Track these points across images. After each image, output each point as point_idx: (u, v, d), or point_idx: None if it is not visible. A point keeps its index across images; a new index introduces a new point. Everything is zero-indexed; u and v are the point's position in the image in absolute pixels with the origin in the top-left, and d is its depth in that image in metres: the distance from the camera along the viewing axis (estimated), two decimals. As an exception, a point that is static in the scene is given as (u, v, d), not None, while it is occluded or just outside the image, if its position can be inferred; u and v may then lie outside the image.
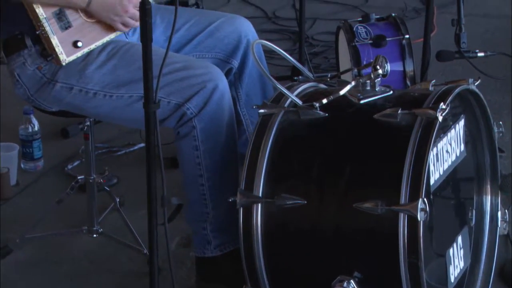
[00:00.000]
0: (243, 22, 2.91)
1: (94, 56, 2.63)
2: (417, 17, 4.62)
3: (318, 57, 4.30)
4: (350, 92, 2.42)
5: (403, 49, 3.33)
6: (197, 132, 2.63)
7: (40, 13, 2.52)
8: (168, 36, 2.78)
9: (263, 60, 2.87)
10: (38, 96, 2.67)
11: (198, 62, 2.71)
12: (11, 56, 2.63)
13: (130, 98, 2.63)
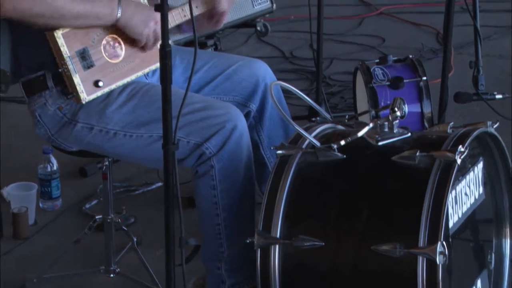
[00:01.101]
0: (261, 65, 2.93)
1: (114, 97, 2.65)
2: (434, 58, 4.64)
3: (335, 97, 4.31)
4: (368, 133, 2.43)
5: (421, 91, 3.34)
6: (215, 172, 2.64)
7: (64, 51, 2.55)
8: (186, 77, 2.81)
9: (282, 101, 2.88)
10: (59, 136, 2.69)
11: (217, 103, 2.73)
12: (32, 97, 2.65)
13: (150, 138, 2.64)
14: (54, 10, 2.51)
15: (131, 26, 2.60)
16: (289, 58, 4.79)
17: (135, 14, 2.59)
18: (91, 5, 2.54)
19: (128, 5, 2.58)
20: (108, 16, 2.57)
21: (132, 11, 2.59)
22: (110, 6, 2.56)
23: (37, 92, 2.63)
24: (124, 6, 2.57)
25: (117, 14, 2.57)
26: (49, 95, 2.63)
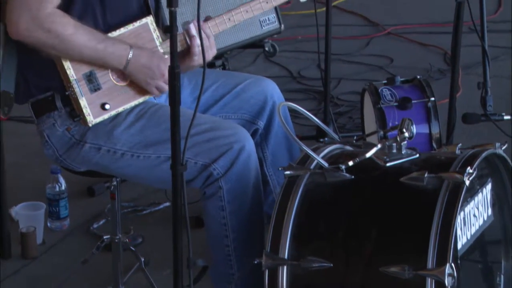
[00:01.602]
0: (269, 83, 2.94)
1: (122, 118, 2.66)
2: (442, 78, 4.63)
3: (343, 117, 4.31)
4: (376, 154, 2.43)
5: (429, 111, 3.34)
6: (223, 193, 2.64)
7: (70, 74, 2.56)
8: (195, 97, 2.83)
9: (289, 121, 2.88)
10: (67, 156, 2.70)
11: (225, 123, 2.73)
12: (41, 117, 2.66)
13: (158, 159, 2.65)
14: (65, 47, 2.54)
15: (136, 80, 2.63)
16: (297, 78, 4.80)
17: (142, 69, 2.60)
18: (101, 53, 2.56)
19: (138, 57, 2.59)
20: (116, 65, 2.60)
21: (140, 65, 2.60)
22: (120, 56, 2.58)
23: (45, 112, 2.65)
24: (133, 58, 2.59)
25: (125, 65, 2.59)
26: (58, 116, 2.64)
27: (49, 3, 2.52)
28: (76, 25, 2.54)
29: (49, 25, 2.51)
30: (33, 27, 2.51)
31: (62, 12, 2.54)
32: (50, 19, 2.51)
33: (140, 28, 2.64)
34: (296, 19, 5.30)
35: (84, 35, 2.54)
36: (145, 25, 2.65)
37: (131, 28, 2.63)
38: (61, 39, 2.52)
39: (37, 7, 2.50)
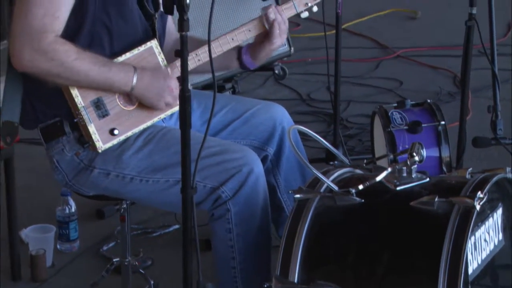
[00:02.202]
0: (278, 109, 2.93)
1: (131, 142, 2.66)
2: (452, 101, 4.63)
3: (353, 139, 4.31)
4: (386, 178, 2.43)
5: (439, 135, 3.34)
6: (231, 215, 2.64)
7: (78, 102, 2.57)
8: (204, 121, 2.83)
9: (300, 145, 2.88)
10: (76, 181, 2.70)
11: (234, 146, 2.73)
12: (50, 143, 2.67)
13: (167, 183, 2.65)
14: (70, 73, 2.54)
15: (145, 99, 2.63)
16: (306, 100, 4.80)
17: (149, 87, 2.61)
18: (106, 75, 2.57)
19: (144, 76, 2.60)
20: (123, 87, 2.60)
21: (146, 83, 2.60)
22: (125, 77, 2.58)
23: (55, 137, 2.65)
24: (139, 78, 2.59)
25: (132, 86, 2.59)
26: (67, 141, 2.65)
27: (50, 32, 2.52)
28: (78, 51, 2.54)
29: (52, 54, 2.51)
30: (36, 58, 2.51)
31: (63, 40, 2.54)
32: (52, 47, 2.51)
33: (145, 52, 2.65)
34: (306, 41, 5.32)
35: (87, 59, 2.55)
36: (150, 49, 2.66)
37: (136, 52, 2.64)
38: (65, 66, 2.52)
39: (38, 38, 2.50)
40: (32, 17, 2.50)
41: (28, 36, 2.50)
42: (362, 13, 5.89)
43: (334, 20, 3.75)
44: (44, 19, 2.51)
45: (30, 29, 2.50)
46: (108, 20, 2.60)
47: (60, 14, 2.53)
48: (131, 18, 2.66)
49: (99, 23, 2.60)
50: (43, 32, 2.51)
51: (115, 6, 2.61)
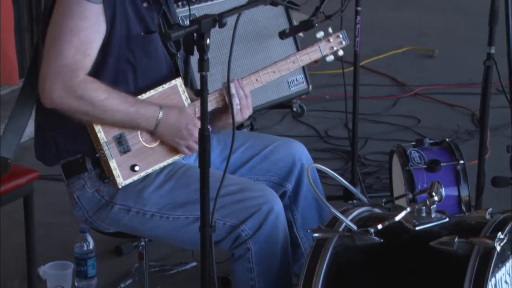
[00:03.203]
0: (297, 145, 2.95)
1: (152, 179, 2.67)
2: (470, 139, 4.62)
3: (371, 177, 4.30)
4: (405, 218, 2.42)
5: (458, 174, 3.33)
6: (251, 254, 2.64)
7: (101, 137, 2.59)
8: (224, 158, 2.84)
9: (318, 183, 2.88)
10: (96, 218, 2.71)
11: (253, 185, 2.74)
12: (71, 179, 2.69)
13: (186, 220, 2.65)
14: (98, 112, 2.57)
15: (167, 140, 2.65)
16: (324, 137, 4.80)
17: (172, 129, 2.63)
18: (133, 116, 2.59)
19: (168, 117, 2.62)
20: (147, 127, 2.62)
21: (170, 125, 2.62)
22: (151, 118, 2.60)
23: (76, 174, 2.67)
24: (163, 119, 2.61)
25: (156, 125, 2.61)
26: (88, 177, 2.66)
27: (81, 70, 2.56)
28: (108, 90, 2.57)
29: (82, 92, 2.54)
30: (66, 95, 2.54)
31: (93, 79, 2.57)
32: (83, 86, 2.55)
33: (169, 90, 2.67)
34: (324, 78, 5.33)
35: (116, 99, 2.57)
36: (174, 87, 2.68)
37: (160, 90, 2.66)
38: (94, 105, 2.55)
39: (69, 76, 2.54)
40: (64, 55, 2.54)
41: (59, 74, 2.54)
42: (380, 50, 5.91)
43: (352, 57, 3.76)
44: (75, 57, 2.54)
45: (61, 67, 2.53)
46: (132, 57, 2.63)
47: (91, 51, 2.57)
48: (156, 56, 2.68)
49: (124, 60, 2.63)
50: (75, 69, 2.54)
51: (140, 44, 2.64)
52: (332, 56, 2.89)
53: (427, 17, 6.79)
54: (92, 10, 2.56)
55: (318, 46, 2.85)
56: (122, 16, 2.61)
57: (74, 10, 2.55)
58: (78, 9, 2.55)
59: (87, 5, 2.55)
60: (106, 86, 2.58)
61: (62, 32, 2.55)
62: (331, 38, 2.87)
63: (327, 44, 2.86)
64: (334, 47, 2.87)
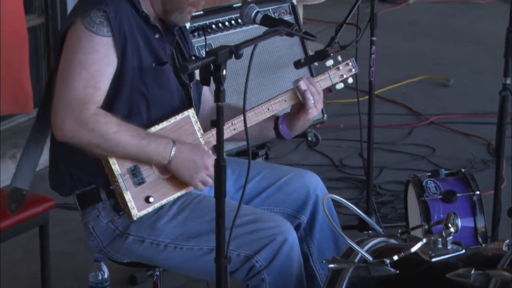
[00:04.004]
0: (312, 177, 2.94)
1: (166, 210, 2.67)
2: (486, 169, 4.60)
3: (386, 206, 4.29)
4: (421, 249, 2.41)
5: (474, 205, 3.31)
6: (266, 285, 2.64)
7: (115, 169, 2.59)
8: (238, 187, 2.84)
9: (333, 214, 2.87)
10: (111, 248, 2.71)
11: (267, 215, 2.74)
12: (86, 209, 2.69)
13: (200, 251, 2.65)
14: (109, 145, 2.58)
15: (180, 174, 2.65)
16: (339, 166, 4.79)
17: (186, 163, 2.63)
18: (145, 149, 2.59)
19: (182, 151, 2.62)
20: (160, 160, 2.62)
21: (183, 159, 2.63)
22: (163, 152, 2.61)
23: (90, 204, 2.68)
24: (176, 153, 2.62)
25: (169, 160, 2.62)
26: (102, 208, 2.67)
27: (92, 103, 2.56)
28: (119, 123, 2.58)
29: (93, 125, 2.55)
30: (77, 128, 2.55)
31: (104, 112, 2.58)
32: (94, 119, 2.55)
33: (181, 121, 2.67)
34: (338, 107, 5.33)
35: (127, 132, 2.58)
36: (186, 118, 2.68)
37: (173, 121, 2.66)
38: (106, 138, 2.56)
39: (80, 109, 2.55)
40: (74, 88, 2.55)
41: (70, 107, 2.54)
42: (395, 79, 5.91)
43: (366, 86, 3.76)
44: (85, 90, 2.55)
45: (72, 100, 2.54)
46: (145, 89, 2.64)
47: (101, 84, 2.58)
48: (168, 87, 2.69)
49: (137, 91, 2.63)
50: (85, 103, 2.55)
51: (152, 76, 2.65)
52: (342, 84, 2.91)
53: (442, 46, 6.80)
54: (102, 43, 2.58)
55: (328, 74, 2.86)
56: (133, 48, 2.62)
57: (84, 44, 2.57)
58: (88, 43, 2.57)
59: (97, 39, 2.57)
60: (117, 119, 2.58)
61: (72, 66, 2.56)
62: (340, 66, 2.89)
63: (337, 72, 2.88)
64: (344, 75, 2.89)
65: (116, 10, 2.60)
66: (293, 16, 3.90)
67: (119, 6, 2.61)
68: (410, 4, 8.16)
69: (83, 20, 2.57)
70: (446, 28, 7.31)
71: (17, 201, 2.72)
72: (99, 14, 2.57)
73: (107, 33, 2.58)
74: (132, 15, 2.64)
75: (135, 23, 2.65)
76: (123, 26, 2.60)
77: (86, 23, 2.57)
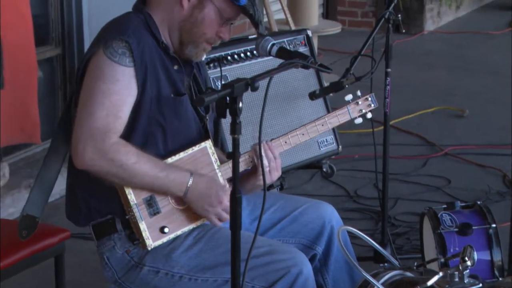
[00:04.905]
0: (327, 208, 2.93)
1: (181, 240, 2.67)
2: (501, 201, 4.58)
3: (401, 238, 4.26)
4: (438, 282, 2.40)
5: (490, 238, 3.29)
6: (280, 317, 2.62)
7: (131, 199, 2.60)
8: (253, 218, 2.84)
9: (348, 245, 2.86)
10: (126, 279, 2.71)
11: (282, 247, 2.73)
12: (102, 240, 2.69)
13: (215, 282, 2.64)
14: (128, 175, 2.58)
15: (196, 207, 2.65)
16: (354, 197, 4.78)
17: (202, 196, 2.63)
18: (162, 181, 2.60)
19: (198, 184, 2.62)
20: (177, 192, 2.63)
21: (199, 192, 2.63)
22: (180, 184, 2.61)
23: (106, 235, 2.68)
24: (193, 186, 2.62)
25: (185, 192, 2.62)
26: (118, 238, 2.67)
27: (113, 133, 2.57)
28: (139, 153, 2.58)
29: (113, 155, 2.56)
30: (97, 157, 2.55)
31: (124, 142, 2.59)
32: (114, 148, 2.56)
33: (198, 152, 2.68)
34: (353, 137, 5.33)
35: (147, 163, 2.58)
36: (203, 149, 2.69)
37: (190, 152, 2.67)
38: (124, 168, 2.56)
39: (102, 138, 2.56)
40: (96, 117, 2.56)
41: (92, 136, 2.56)
42: (410, 110, 5.91)
43: (381, 116, 3.76)
44: (107, 119, 2.56)
45: (94, 129, 2.55)
46: (162, 119, 2.65)
47: (122, 114, 2.59)
48: (186, 118, 2.70)
49: (154, 121, 2.65)
50: (106, 132, 2.56)
51: (170, 106, 2.66)
52: (360, 119, 2.91)
53: (457, 77, 6.81)
54: (124, 73, 2.59)
55: (347, 108, 2.86)
56: (153, 79, 2.64)
57: (106, 73, 2.58)
58: (110, 72, 2.58)
59: (119, 68, 2.59)
60: (137, 149, 2.59)
61: (94, 95, 2.58)
62: (360, 101, 2.89)
63: (356, 107, 2.88)
64: (363, 110, 2.89)
65: (138, 41, 2.62)
66: (308, 48, 3.91)
67: (141, 36, 2.63)
68: (425, 35, 8.19)
69: (106, 50, 2.59)
70: (460, 58, 7.33)
71: (28, 228, 2.72)
72: (121, 45, 2.59)
73: (129, 63, 2.60)
74: (153, 46, 2.66)
75: (156, 53, 2.67)
76: (145, 56, 2.62)
77: (108, 53, 2.59)
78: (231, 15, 2.70)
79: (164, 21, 2.70)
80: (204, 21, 2.68)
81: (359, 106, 2.89)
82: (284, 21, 5.87)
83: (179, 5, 2.68)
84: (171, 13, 2.69)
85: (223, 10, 2.68)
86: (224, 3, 2.67)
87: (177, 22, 2.69)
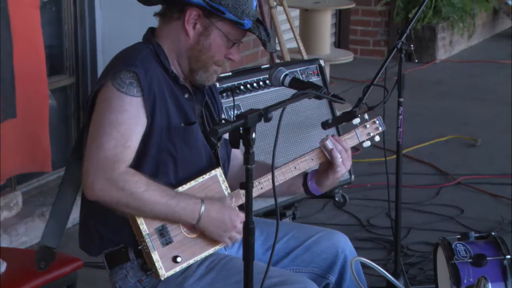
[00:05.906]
0: (341, 237, 2.92)
1: (193, 270, 2.66)
2: (515, 231, 4.57)
3: (414, 268, 4.24)
4: (451, 314, 2.38)
5: (505, 269, 3.27)
6: None
7: (143, 229, 2.60)
8: (266, 248, 2.83)
9: (361, 276, 2.85)
10: (139, 308, 2.70)
11: (294, 277, 2.72)
12: (114, 269, 2.69)
13: (227, 312, 2.64)
14: (138, 204, 2.58)
15: (209, 233, 2.66)
16: (366, 226, 4.76)
17: (214, 222, 2.63)
18: (173, 209, 2.60)
19: (210, 210, 2.63)
20: (189, 220, 2.63)
21: (212, 218, 2.63)
22: (192, 212, 2.62)
23: (119, 264, 2.68)
24: (205, 213, 2.62)
25: (197, 219, 2.62)
26: (130, 267, 2.67)
27: (122, 163, 2.58)
28: (148, 182, 2.59)
29: (123, 184, 2.56)
30: (107, 187, 2.56)
31: (134, 171, 2.59)
32: (123, 178, 2.57)
33: (209, 180, 2.68)
34: (365, 166, 5.32)
35: (156, 191, 2.59)
36: (214, 177, 2.69)
37: (200, 180, 2.67)
38: (135, 197, 2.56)
39: (111, 168, 2.56)
40: (105, 148, 2.57)
41: (101, 166, 2.56)
42: (422, 139, 5.91)
43: (393, 145, 3.75)
44: (116, 150, 2.57)
45: (103, 160, 2.56)
46: (173, 148, 2.66)
47: (131, 144, 2.60)
48: (196, 146, 2.70)
49: (165, 151, 2.65)
50: (115, 162, 2.56)
51: (181, 136, 2.67)
52: (369, 142, 2.91)
53: (469, 106, 6.80)
54: (132, 103, 2.60)
55: (355, 132, 2.87)
56: (162, 108, 2.64)
57: (114, 104, 2.60)
58: (117, 103, 2.60)
59: (127, 99, 2.60)
60: (146, 178, 2.60)
61: (103, 126, 2.59)
62: (367, 124, 2.90)
63: (364, 130, 2.89)
64: (371, 133, 2.89)
65: (146, 71, 2.63)
66: (320, 77, 3.92)
67: (149, 67, 2.64)
68: (437, 64, 8.19)
69: (113, 81, 2.61)
70: (472, 87, 7.33)
71: (46, 259, 2.72)
72: (129, 75, 2.61)
73: (136, 93, 2.61)
74: (162, 76, 2.67)
75: (165, 83, 2.68)
76: (153, 87, 2.63)
77: (116, 84, 2.60)
78: (238, 37, 2.71)
79: (172, 50, 2.71)
80: (211, 47, 2.69)
81: (367, 130, 2.89)
82: (296, 49, 5.88)
83: (185, 34, 2.69)
84: (178, 42, 2.70)
85: (228, 34, 2.69)
86: (229, 27, 2.68)
87: (184, 50, 2.70)
